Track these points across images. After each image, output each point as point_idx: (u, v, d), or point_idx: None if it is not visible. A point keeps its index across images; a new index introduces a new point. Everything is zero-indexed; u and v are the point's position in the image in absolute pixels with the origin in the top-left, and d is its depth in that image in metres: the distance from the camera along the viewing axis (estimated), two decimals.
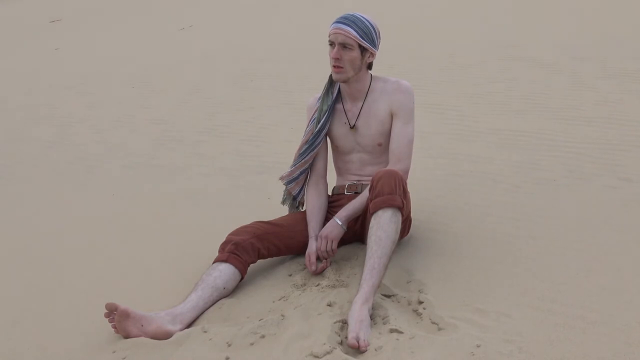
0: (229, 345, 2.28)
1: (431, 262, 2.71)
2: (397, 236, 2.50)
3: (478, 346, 2.08)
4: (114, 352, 2.40)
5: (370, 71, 2.83)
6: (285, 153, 4.33)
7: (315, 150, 2.89)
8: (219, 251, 2.71)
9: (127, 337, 2.42)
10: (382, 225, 2.45)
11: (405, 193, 2.57)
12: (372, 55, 2.76)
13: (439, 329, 2.22)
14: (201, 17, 11.88)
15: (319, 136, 2.87)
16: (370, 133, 2.82)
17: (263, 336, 2.29)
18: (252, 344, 2.27)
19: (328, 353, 2.13)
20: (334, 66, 2.72)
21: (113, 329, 2.45)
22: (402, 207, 2.51)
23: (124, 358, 2.35)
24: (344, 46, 2.68)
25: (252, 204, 3.60)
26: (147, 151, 4.96)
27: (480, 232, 2.92)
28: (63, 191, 4.39)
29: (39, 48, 11.13)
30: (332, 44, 2.71)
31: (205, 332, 2.38)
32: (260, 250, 2.74)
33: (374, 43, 2.73)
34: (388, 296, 2.48)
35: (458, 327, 2.20)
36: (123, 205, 3.98)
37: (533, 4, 8.54)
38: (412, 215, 2.90)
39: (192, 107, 6.05)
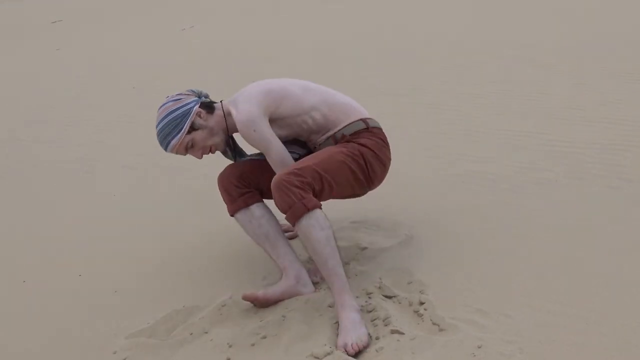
0: (230, 346, 2.28)
1: (432, 263, 2.70)
2: (324, 232, 2.38)
3: (479, 347, 2.09)
4: (114, 352, 2.41)
5: (217, 110, 2.65)
6: None
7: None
8: (227, 199, 2.71)
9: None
10: (305, 235, 2.40)
11: (305, 185, 2.42)
12: (198, 114, 2.57)
13: (440, 330, 2.22)
14: (202, 18, 11.89)
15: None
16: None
17: (264, 337, 2.30)
18: (253, 344, 2.28)
19: (328, 354, 2.13)
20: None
21: None
22: (310, 206, 2.38)
23: (125, 358, 2.35)
24: (188, 148, 2.60)
25: None
26: (147, 151, 4.95)
27: (481, 233, 2.92)
28: (63, 191, 4.39)
29: (40, 48, 11.14)
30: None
31: (206, 332, 2.38)
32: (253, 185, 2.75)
33: (185, 116, 2.54)
34: (389, 297, 2.48)
35: (459, 327, 2.20)
36: (123, 206, 3.98)
37: (533, 4, 8.55)
38: (411, 213, 2.87)
39: None
